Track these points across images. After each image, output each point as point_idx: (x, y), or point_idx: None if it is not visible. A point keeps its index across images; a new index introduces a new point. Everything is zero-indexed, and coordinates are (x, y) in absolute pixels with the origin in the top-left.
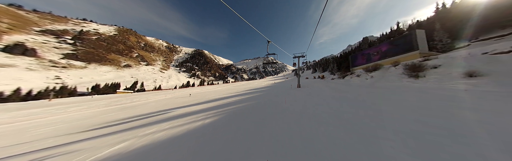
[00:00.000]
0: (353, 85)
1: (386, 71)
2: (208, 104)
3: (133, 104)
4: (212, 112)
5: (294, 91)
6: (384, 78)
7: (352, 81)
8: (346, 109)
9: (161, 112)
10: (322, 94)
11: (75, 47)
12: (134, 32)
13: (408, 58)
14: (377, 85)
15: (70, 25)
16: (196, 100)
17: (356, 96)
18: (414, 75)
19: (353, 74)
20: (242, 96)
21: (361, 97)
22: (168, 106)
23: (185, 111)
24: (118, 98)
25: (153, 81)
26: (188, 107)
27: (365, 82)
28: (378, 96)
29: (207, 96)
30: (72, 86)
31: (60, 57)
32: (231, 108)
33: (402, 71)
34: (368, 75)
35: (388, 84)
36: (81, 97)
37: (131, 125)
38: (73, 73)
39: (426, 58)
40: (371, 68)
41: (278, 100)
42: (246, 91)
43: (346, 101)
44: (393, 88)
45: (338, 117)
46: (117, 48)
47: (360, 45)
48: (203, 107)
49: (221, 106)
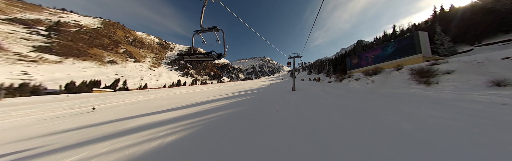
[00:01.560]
0: (352, 90)
1: (388, 76)
2: (186, 109)
3: (100, 106)
4: (183, 123)
5: (289, 94)
6: (388, 84)
7: (351, 85)
8: (353, 125)
9: (121, 120)
10: (319, 100)
11: (50, 39)
12: (121, 26)
13: (411, 62)
14: (380, 91)
15: (46, 15)
16: (177, 103)
17: (360, 105)
18: (424, 82)
19: (351, 77)
20: (230, 99)
21: (367, 107)
22: (137, 111)
23: (151, 121)
24: (90, 98)
25: (141, 79)
26: (160, 113)
27: (366, 87)
28: (388, 107)
29: (193, 97)
30: (38, 82)
31: (30, 50)
32: (210, 118)
33: (409, 76)
34: (369, 79)
35: (393, 91)
36: (51, 96)
37: (49, 148)
38: (45, 68)
39: (433, 62)
40: (371, 72)
41: (269, 107)
42: (237, 92)
43: (351, 112)
44: (402, 96)
45: (346, 142)
46: (101, 43)
47: (355, 48)
48: (177, 115)
49: (199, 113)
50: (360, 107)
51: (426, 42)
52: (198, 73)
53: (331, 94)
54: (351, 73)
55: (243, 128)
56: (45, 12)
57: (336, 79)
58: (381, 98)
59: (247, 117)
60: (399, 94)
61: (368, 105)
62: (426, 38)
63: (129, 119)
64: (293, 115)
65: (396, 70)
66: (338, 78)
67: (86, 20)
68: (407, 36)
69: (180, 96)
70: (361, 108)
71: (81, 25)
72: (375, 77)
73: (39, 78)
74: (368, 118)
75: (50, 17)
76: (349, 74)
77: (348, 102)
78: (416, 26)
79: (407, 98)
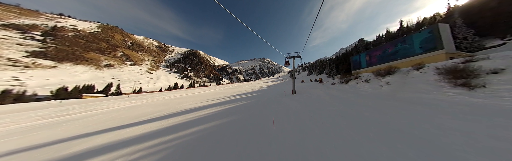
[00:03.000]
0: (364, 94)
1: (407, 77)
2: (165, 121)
3: (77, 116)
4: (148, 144)
5: (288, 99)
6: (409, 87)
7: (360, 87)
8: (386, 153)
9: (76, 138)
10: (325, 107)
11: (45, 44)
12: (120, 30)
13: (431, 60)
14: (401, 95)
15: (42, 20)
16: (160, 111)
17: (383, 117)
18: (462, 84)
19: (358, 78)
20: (221, 106)
21: (393, 120)
22: (110, 122)
23: (110, 140)
24: (74, 105)
25: (138, 83)
26: (131, 127)
27: (380, 91)
28: (423, 120)
29: (183, 103)
30: (25, 89)
31: (23, 55)
32: (185, 136)
33: (435, 77)
34: (381, 80)
35: (420, 96)
36: (37, 103)
37: None
38: (38, 73)
39: (467, 59)
40: (383, 72)
41: (264, 116)
42: (233, 96)
43: (373, 127)
44: (436, 104)
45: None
46: (98, 47)
47: (356, 46)
48: (148, 130)
49: (177, 127)
50: (383, 119)
51: (449, 36)
52: (197, 76)
53: (338, 99)
54: (358, 73)
55: (225, 155)
56: (42, 17)
57: (341, 81)
58: (406, 106)
59: (234, 134)
60: (430, 101)
61: (394, 117)
62: (448, 31)
63: (89, 136)
64: (294, 131)
65: (415, 70)
66: (343, 79)
67: (83, 25)
68: (424, 29)
69: (170, 101)
70: (385, 121)
71: (78, 30)
72: (389, 79)
73: (30, 84)
74: (404, 139)
75: (47, 22)
76: (355, 75)
77: (363, 110)
78: (434, 18)
79: (444, 107)
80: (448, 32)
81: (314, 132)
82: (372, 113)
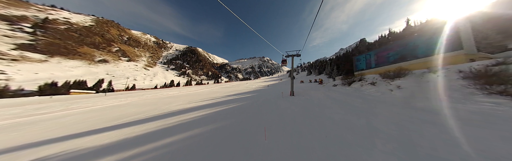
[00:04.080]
0: (371, 99)
1: (421, 80)
2: (141, 126)
3: (50, 115)
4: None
5: (285, 102)
6: (426, 92)
7: (366, 91)
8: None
9: (20, 149)
10: (328, 114)
11: (35, 37)
12: (116, 24)
13: (448, 61)
14: (420, 103)
15: (33, 12)
16: (143, 112)
17: (402, 133)
18: (501, 92)
19: (363, 80)
20: (212, 108)
21: (418, 139)
22: (79, 125)
23: (55, 156)
24: (55, 103)
25: (134, 79)
26: (97, 134)
27: (390, 95)
28: (464, 144)
29: (172, 103)
30: (4, 83)
31: (11, 48)
32: (157, 149)
33: (461, 81)
34: (390, 84)
35: (444, 105)
36: (20, 99)
37: None
38: (26, 67)
39: (499, 61)
40: (392, 74)
41: (257, 123)
42: (227, 96)
43: (395, 151)
44: (471, 118)
45: None
46: (93, 41)
47: (358, 47)
48: (117, 138)
49: (151, 135)
50: (403, 137)
51: (469, 35)
52: (195, 73)
53: (342, 104)
54: (362, 75)
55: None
56: (33, 8)
57: (344, 83)
58: (430, 118)
59: (214, 151)
60: (459, 112)
61: (416, 134)
62: (468, 29)
63: (39, 145)
64: (289, 148)
65: (431, 73)
66: (346, 81)
67: (77, 18)
68: (439, 27)
69: (160, 100)
70: (405, 139)
71: (71, 23)
72: (399, 82)
73: (18, 78)
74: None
75: (38, 14)
76: (360, 77)
77: (375, 122)
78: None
79: (486, 122)
80: (468, 30)
81: (314, 151)
82: (388, 126)
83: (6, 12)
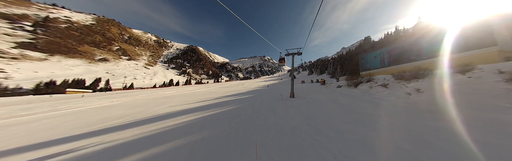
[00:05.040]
0: (386, 105)
1: (446, 82)
2: (115, 134)
3: (27, 118)
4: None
5: (284, 106)
6: (457, 98)
7: (376, 94)
8: None
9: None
10: (335, 125)
11: (35, 35)
12: (117, 23)
13: (477, 59)
14: (452, 114)
15: (34, 10)
16: (128, 115)
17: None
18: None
19: (372, 82)
20: (202, 112)
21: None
22: (49, 132)
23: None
24: (44, 103)
25: (134, 78)
26: (58, 145)
27: (409, 101)
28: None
29: (164, 104)
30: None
31: (11, 46)
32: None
33: (503, 84)
34: (406, 86)
35: (489, 117)
36: (16, 98)
37: None
38: (26, 66)
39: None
40: (408, 75)
41: (248, 136)
42: (223, 96)
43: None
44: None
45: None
46: (93, 40)
47: (362, 45)
48: (77, 153)
49: (121, 148)
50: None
51: (508, 28)
52: (195, 72)
53: (351, 111)
54: (370, 75)
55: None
56: (34, 7)
57: (349, 84)
58: (486, 138)
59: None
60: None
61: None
62: (507, 21)
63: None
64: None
65: (459, 73)
66: (352, 82)
67: (78, 17)
68: (465, 19)
69: (152, 101)
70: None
71: (72, 21)
72: (418, 84)
73: (17, 76)
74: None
75: (39, 13)
76: (368, 77)
77: (401, 139)
78: None
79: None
80: (509, 23)
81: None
82: (419, 146)
83: (7, 11)
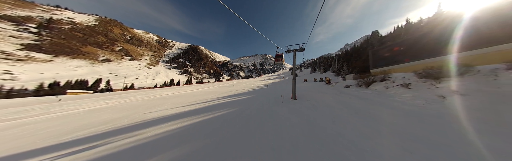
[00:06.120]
0: (412, 112)
1: (495, 82)
2: (84, 148)
3: (9, 123)
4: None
5: (286, 110)
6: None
7: (395, 96)
8: None
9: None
10: (351, 139)
11: (40, 37)
12: (119, 23)
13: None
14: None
15: (38, 12)
16: (113, 121)
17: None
18: None
19: (387, 80)
20: (193, 117)
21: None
22: (17, 142)
23: None
24: (40, 105)
25: (136, 78)
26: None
27: (445, 106)
28: None
29: (158, 106)
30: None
31: (17, 48)
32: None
33: None
34: (435, 86)
35: None
36: (16, 100)
37: None
38: (32, 67)
39: None
40: (437, 72)
41: (240, 151)
42: (221, 98)
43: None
44: None
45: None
46: (96, 40)
47: (369, 40)
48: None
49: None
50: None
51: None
52: (197, 72)
53: (368, 119)
54: (385, 73)
55: None
56: (38, 9)
57: (359, 83)
58: None
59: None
60: None
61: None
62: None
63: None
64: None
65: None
66: (362, 81)
67: (81, 18)
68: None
69: (146, 103)
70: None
71: (75, 23)
72: (454, 84)
73: (23, 78)
74: None
75: (43, 14)
76: (382, 76)
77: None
78: None
79: None
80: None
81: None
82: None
83: (12, 13)
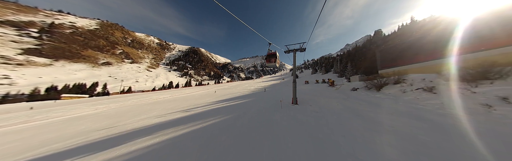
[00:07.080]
0: (445, 125)
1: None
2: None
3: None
4: None
5: (286, 119)
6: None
7: (416, 102)
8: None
9: None
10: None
11: (41, 41)
12: (120, 27)
13: None
14: None
15: (41, 17)
16: (86, 134)
17: None
18: None
19: (403, 83)
20: (179, 127)
21: None
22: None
23: None
24: (23, 112)
25: (136, 81)
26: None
27: (490, 118)
28: None
29: (148, 112)
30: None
31: (17, 52)
32: None
33: None
34: (472, 91)
35: None
36: (9, 105)
37: None
38: (31, 71)
39: None
40: (474, 74)
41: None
42: (216, 102)
43: None
44: None
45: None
46: (97, 44)
47: (372, 39)
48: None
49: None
50: None
51: None
52: (197, 74)
53: (387, 132)
54: (399, 74)
55: None
56: (41, 14)
57: (369, 86)
58: None
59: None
60: None
61: None
62: None
63: None
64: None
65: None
66: (372, 83)
67: (83, 22)
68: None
69: (136, 108)
70: None
71: (76, 27)
72: (497, 88)
73: (21, 82)
74: None
75: (45, 19)
76: (396, 77)
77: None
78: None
79: None
80: None
81: None
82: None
83: (15, 18)
